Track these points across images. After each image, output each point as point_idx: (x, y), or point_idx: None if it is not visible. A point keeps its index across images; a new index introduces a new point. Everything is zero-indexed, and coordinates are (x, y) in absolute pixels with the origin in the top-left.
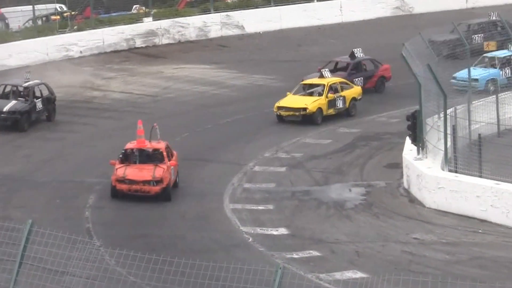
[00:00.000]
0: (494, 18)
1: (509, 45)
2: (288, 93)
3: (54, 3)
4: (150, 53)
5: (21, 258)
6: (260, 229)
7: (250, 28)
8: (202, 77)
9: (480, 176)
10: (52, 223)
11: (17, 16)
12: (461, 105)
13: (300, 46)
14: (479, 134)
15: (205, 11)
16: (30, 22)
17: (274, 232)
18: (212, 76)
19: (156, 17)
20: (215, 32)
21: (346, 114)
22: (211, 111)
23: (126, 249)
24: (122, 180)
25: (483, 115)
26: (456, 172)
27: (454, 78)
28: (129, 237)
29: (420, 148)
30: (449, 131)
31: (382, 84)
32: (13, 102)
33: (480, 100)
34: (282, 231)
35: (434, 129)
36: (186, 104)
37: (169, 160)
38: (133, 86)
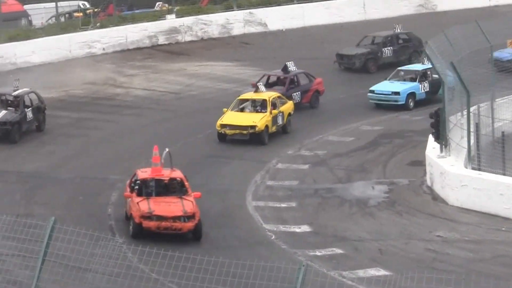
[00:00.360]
0: (398, 30)
1: (423, 58)
2: (224, 109)
3: (77, 0)
4: (173, 50)
5: (44, 255)
6: (283, 227)
7: (273, 26)
8: (225, 74)
9: (504, 174)
10: (75, 220)
11: (40, 13)
12: (484, 103)
13: (323, 43)
14: (503, 132)
15: (228, 8)
16: (53, 19)
17: (297, 229)
18: (234, 73)
19: (179, 14)
20: (238, 29)
21: (282, 131)
22: None
23: (148, 246)
24: (148, 217)
25: (507, 113)
26: (479, 170)
27: (372, 91)
28: (152, 234)
29: (443, 146)
30: (472, 129)
31: (316, 99)
32: (3, 112)
33: (504, 98)
34: (305, 228)
35: (457, 127)
36: (209, 101)
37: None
38: (156, 83)
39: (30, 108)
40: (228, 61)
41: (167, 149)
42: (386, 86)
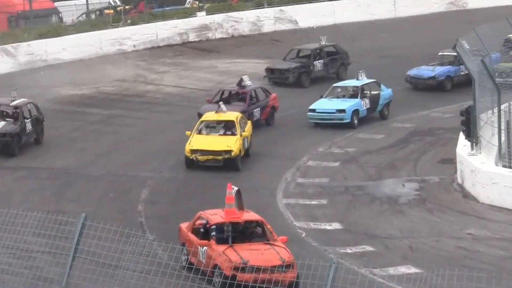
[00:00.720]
0: (324, 43)
1: (358, 74)
2: (187, 132)
3: None
4: (204, 47)
5: (75, 252)
6: (314, 224)
7: (304, 23)
8: (255, 71)
9: None
10: (105, 217)
11: (71, 10)
12: None
13: (353, 41)
14: None
15: (259, 5)
16: (84, 16)
17: (328, 227)
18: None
19: (210, 12)
20: (268, 26)
21: (245, 154)
22: None
23: (179, 243)
24: (243, 268)
25: None
26: (510, 167)
27: (313, 110)
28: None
29: (474, 144)
30: (503, 126)
31: (272, 116)
32: (2, 123)
33: None
34: (336, 226)
35: (488, 124)
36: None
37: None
38: (186, 80)
39: (29, 120)
40: (258, 58)
41: (235, 188)
42: (328, 104)
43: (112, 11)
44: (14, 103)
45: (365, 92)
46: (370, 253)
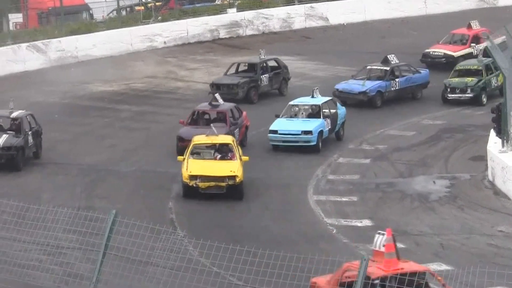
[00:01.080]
0: (263, 56)
1: (313, 91)
2: (180, 157)
3: None
4: (234, 44)
5: (105, 248)
6: (344, 221)
7: (334, 20)
8: None
9: None
10: (135, 213)
11: (101, 6)
12: None
13: (384, 38)
14: None
15: (289, 2)
16: (114, 12)
17: (358, 223)
18: (295, 67)
19: (240, 8)
20: (299, 23)
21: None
22: None
23: (209, 239)
24: None
25: None
26: None
27: (275, 132)
28: (213, 228)
29: (505, 141)
30: None
31: (245, 136)
32: (4, 136)
33: None
34: (366, 222)
35: None
36: (270, 95)
37: None
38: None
39: (30, 132)
40: (289, 55)
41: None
42: (290, 125)
43: (142, 7)
44: (14, 115)
45: (324, 111)
46: (400, 250)
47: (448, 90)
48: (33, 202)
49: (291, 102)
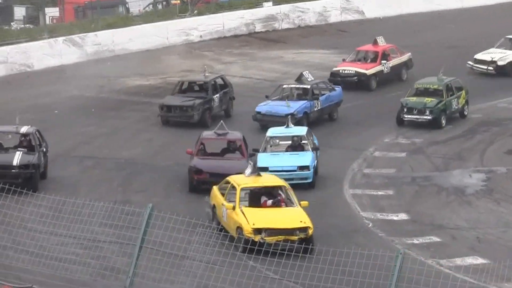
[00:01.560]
0: (208, 74)
1: (288, 120)
2: (228, 204)
3: None
4: (270, 38)
5: (142, 242)
6: (380, 215)
7: (370, 13)
8: (322, 62)
9: None
10: (172, 207)
11: (137, 0)
12: None
13: (420, 32)
14: None
15: None
16: (150, 6)
17: (394, 217)
18: (331, 61)
19: (276, 2)
20: (335, 17)
21: None
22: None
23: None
24: None
25: None
26: None
27: (265, 169)
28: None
29: None
30: None
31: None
32: (17, 153)
33: None
34: (402, 216)
35: None
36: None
37: None
38: (253, 71)
39: (40, 149)
40: (325, 49)
41: None
42: (284, 160)
43: (178, 1)
44: (23, 130)
45: (304, 142)
46: (436, 244)
47: (405, 110)
48: (70, 196)
49: (269, 134)
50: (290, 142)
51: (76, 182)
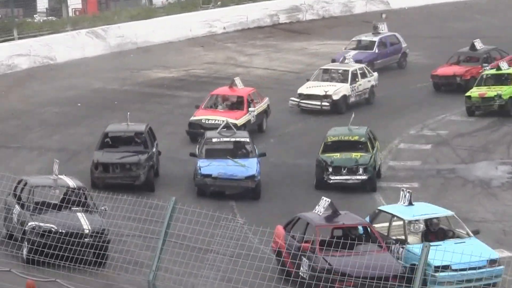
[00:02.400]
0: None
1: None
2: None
3: None
4: (294, 29)
5: (165, 236)
6: None
7: (396, 4)
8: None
9: None
10: (195, 200)
11: None
12: None
13: (446, 22)
14: None
15: None
16: None
17: None
18: None
19: None
20: (359, 7)
21: None
22: None
23: (269, 227)
24: None
25: None
26: None
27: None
28: (274, 215)
29: None
30: None
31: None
32: (80, 215)
33: None
34: None
35: None
36: None
37: None
38: (277, 62)
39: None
40: (349, 40)
41: None
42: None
43: None
44: (76, 184)
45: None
46: None
47: (330, 170)
48: (92, 190)
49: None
50: None
51: None
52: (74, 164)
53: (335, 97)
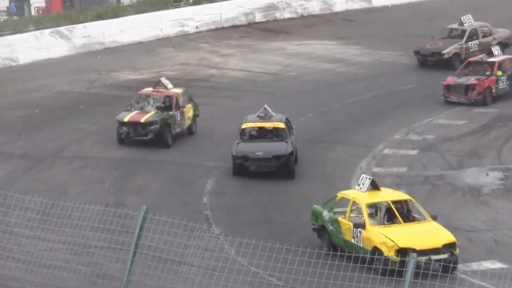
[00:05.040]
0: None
1: None
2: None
3: None
4: (271, 28)
5: (136, 247)
6: None
7: (378, 1)
8: (327, 53)
9: None
10: (168, 209)
11: None
12: None
13: (431, 20)
14: None
15: None
16: None
17: None
18: (337, 52)
19: None
20: (340, 5)
21: None
22: (336, 90)
23: (247, 237)
24: None
25: None
26: None
27: None
28: (251, 224)
29: None
30: None
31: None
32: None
33: None
34: None
35: None
36: (310, 83)
37: None
38: (253, 63)
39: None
40: (329, 39)
41: None
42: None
43: None
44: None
45: None
46: None
47: None
48: (59, 198)
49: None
50: None
51: (66, 183)
52: (38, 171)
53: None
